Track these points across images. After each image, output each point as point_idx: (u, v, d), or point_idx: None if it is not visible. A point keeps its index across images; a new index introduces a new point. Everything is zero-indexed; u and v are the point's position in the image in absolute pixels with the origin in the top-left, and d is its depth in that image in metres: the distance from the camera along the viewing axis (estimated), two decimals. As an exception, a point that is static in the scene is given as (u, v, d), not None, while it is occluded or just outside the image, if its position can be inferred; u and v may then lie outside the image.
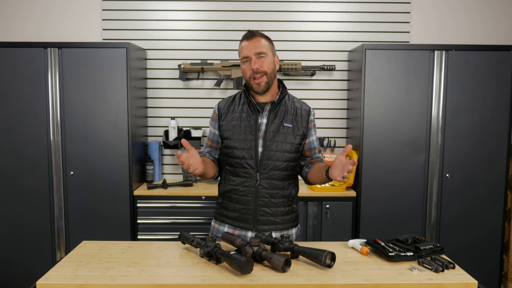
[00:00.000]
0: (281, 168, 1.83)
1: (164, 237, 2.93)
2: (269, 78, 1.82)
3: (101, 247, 1.77)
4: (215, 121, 1.94)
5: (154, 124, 3.39)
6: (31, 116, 2.93)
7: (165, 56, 3.34)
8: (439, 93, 2.95)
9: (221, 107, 1.93)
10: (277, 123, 1.84)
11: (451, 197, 2.99)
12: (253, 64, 1.79)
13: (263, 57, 1.80)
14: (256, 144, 1.82)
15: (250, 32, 1.83)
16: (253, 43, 1.80)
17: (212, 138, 1.95)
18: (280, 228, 1.86)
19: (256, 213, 1.84)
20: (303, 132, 1.87)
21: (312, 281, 1.45)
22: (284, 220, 1.88)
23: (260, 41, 1.81)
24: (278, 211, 1.85)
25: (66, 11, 3.32)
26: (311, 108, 1.95)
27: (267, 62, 1.81)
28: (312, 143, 1.93)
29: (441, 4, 3.35)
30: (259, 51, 1.79)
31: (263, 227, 1.84)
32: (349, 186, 3.13)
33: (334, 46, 3.35)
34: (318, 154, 1.95)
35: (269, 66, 1.81)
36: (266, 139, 1.82)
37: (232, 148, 1.84)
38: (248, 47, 1.80)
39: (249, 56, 1.80)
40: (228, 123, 1.87)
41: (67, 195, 2.97)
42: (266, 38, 1.85)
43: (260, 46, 1.80)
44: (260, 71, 1.79)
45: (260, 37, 1.83)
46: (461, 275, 1.52)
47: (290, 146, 1.84)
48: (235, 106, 1.90)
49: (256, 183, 1.82)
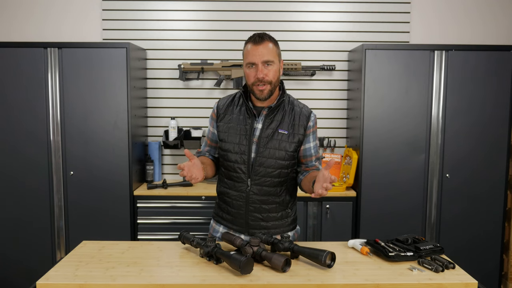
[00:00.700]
0: (273, 175, 1.78)
1: (164, 237, 2.93)
2: (272, 87, 1.75)
3: (101, 247, 1.77)
4: (214, 121, 1.90)
5: (154, 124, 3.39)
6: (31, 116, 2.93)
7: (165, 56, 3.34)
8: (439, 93, 2.95)
9: (219, 106, 1.89)
10: (272, 129, 1.78)
11: (451, 197, 2.99)
12: (259, 72, 1.71)
13: (270, 65, 1.72)
14: (250, 149, 1.77)
15: (259, 36, 1.73)
16: (262, 49, 1.71)
17: (212, 137, 1.93)
18: (273, 232, 1.82)
19: (247, 218, 1.82)
20: (298, 139, 1.80)
21: (312, 281, 1.45)
22: (277, 225, 1.84)
23: (268, 47, 1.72)
24: (270, 216, 1.83)
25: (66, 11, 3.32)
26: (312, 113, 1.86)
27: (273, 70, 1.73)
28: (308, 150, 1.84)
29: (441, 4, 3.35)
30: (266, 59, 1.71)
31: (254, 231, 1.82)
32: (349, 186, 3.13)
33: (334, 46, 3.35)
34: (314, 162, 1.86)
35: (274, 75, 1.74)
36: (260, 145, 1.77)
37: (227, 151, 1.82)
38: (256, 53, 1.71)
39: (256, 62, 1.71)
40: (225, 124, 1.84)
41: (67, 195, 2.97)
42: (274, 43, 1.76)
43: (268, 53, 1.71)
44: (265, 80, 1.72)
45: (269, 41, 1.73)
46: (461, 275, 1.52)
47: (284, 154, 1.78)
48: (233, 107, 1.85)
49: (247, 189, 1.79)
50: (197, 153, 1.98)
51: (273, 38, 1.77)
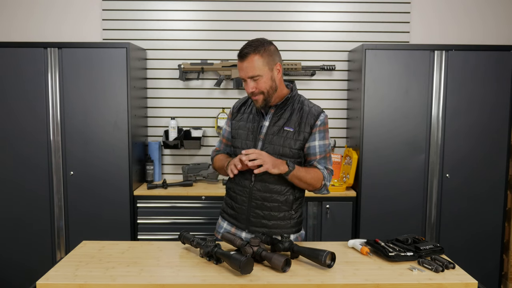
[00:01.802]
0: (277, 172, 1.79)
1: (164, 237, 2.93)
2: (267, 95, 1.77)
3: (101, 247, 1.77)
4: (229, 120, 1.99)
5: (154, 124, 3.39)
6: (31, 116, 2.93)
7: (165, 56, 3.34)
8: (439, 93, 2.95)
9: (235, 106, 1.99)
10: (278, 126, 1.82)
11: (451, 197, 2.99)
12: (247, 87, 1.76)
13: (257, 79, 1.74)
14: (255, 145, 1.83)
15: (242, 52, 1.73)
16: (246, 64, 1.73)
17: (227, 136, 2.00)
18: (274, 232, 1.82)
19: (249, 214, 1.85)
20: (304, 137, 1.81)
21: (312, 281, 1.45)
22: (278, 225, 1.84)
23: (252, 62, 1.71)
24: (272, 215, 1.83)
25: (66, 11, 3.32)
26: (322, 113, 1.86)
27: (262, 82, 1.74)
28: (312, 148, 1.83)
29: (441, 4, 3.35)
30: (251, 75, 1.73)
31: (254, 228, 1.84)
32: (349, 186, 3.12)
33: (334, 46, 3.35)
34: (313, 161, 1.84)
35: (265, 85, 1.75)
36: (265, 141, 1.82)
37: (236, 148, 1.90)
38: (241, 69, 1.75)
39: (244, 78, 1.77)
40: (237, 123, 1.93)
41: (67, 195, 2.97)
42: (260, 55, 1.71)
43: (252, 69, 1.72)
44: (256, 93, 1.76)
45: (253, 55, 1.71)
46: (461, 275, 1.52)
47: (288, 151, 1.80)
48: (246, 107, 1.94)
49: (250, 184, 1.83)
50: (215, 151, 2.07)
51: (259, 49, 1.72)
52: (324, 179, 1.83)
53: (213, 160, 2.05)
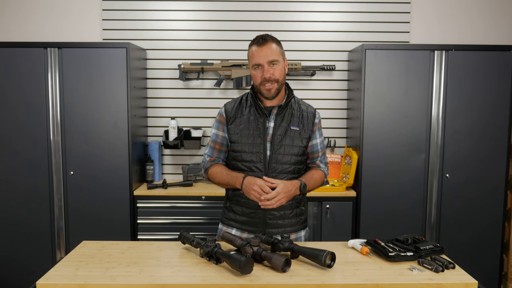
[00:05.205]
0: (289, 171, 1.84)
1: (164, 237, 2.93)
2: (279, 85, 1.81)
3: (101, 247, 1.77)
4: (223, 124, 1.91)
5: (154, 124, 3.39)
6: (31, 116, 2.93)
7: (165, 56, 3.34)
8: (439, 93, 2.95)
9: (228, 110, 1.91)
10: (284, 127, 1.84)
11: (451, 197, 2.99)
12: (265, 72, 1.76)
13: (276, 65, 1.78)
14: (265, 147, 1.82)
15: (262, 38, 1.78)
16: (266, 50, 1.76)
17: (221, 141, 1.92)
18: (289, 230, 1.86)
19: (265, 217, 1.84)
20: (309, 134, 1.88)
21: (312, 281, 1.45)
22: (292, 222, 1.88)
23: (272, 47, 1.77)
24: (286, 214, 1.86)
25: (66, 11, 3.32)
26: (316, 111, 1.95)
27: (279, 69, 1.79)
28: (315, 146, 1.92)
29: (441, 4, 3.35)
30: (271, 59, 1.76)
31: (272, 230, 1.84)
32: (349, 186, 3.12)
33: (334, 46, 3.35)
34: (316, 159, 1.94)
35: (280, 74, 1.80)
36: (274, 142, 1.82)
37: (240, 152, 1.85)
38: (260, 54, 1.76)
39: (261, 63, 1.77)
40: (236, 126, 1.87)
41: (67, 195, 2.97)
42: (277, 43, 1.81)
43: (272, 53, 1.77)
44: (272, 79, 1.78)
45: (272, 42, 1.79)
46: (461, 275, 1.52)
47: (298, 149, 1.85)
48: (242, 109, 1.89)
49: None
50: (209, 161, 1.95)
51: (275, 39, 1.83)
52: (325, 176, 1.97)
53: (207, 171, 1.94)
